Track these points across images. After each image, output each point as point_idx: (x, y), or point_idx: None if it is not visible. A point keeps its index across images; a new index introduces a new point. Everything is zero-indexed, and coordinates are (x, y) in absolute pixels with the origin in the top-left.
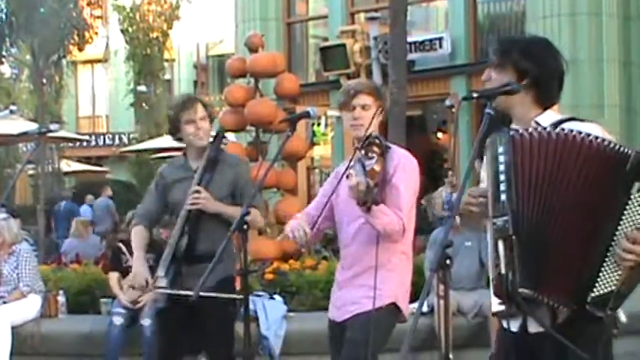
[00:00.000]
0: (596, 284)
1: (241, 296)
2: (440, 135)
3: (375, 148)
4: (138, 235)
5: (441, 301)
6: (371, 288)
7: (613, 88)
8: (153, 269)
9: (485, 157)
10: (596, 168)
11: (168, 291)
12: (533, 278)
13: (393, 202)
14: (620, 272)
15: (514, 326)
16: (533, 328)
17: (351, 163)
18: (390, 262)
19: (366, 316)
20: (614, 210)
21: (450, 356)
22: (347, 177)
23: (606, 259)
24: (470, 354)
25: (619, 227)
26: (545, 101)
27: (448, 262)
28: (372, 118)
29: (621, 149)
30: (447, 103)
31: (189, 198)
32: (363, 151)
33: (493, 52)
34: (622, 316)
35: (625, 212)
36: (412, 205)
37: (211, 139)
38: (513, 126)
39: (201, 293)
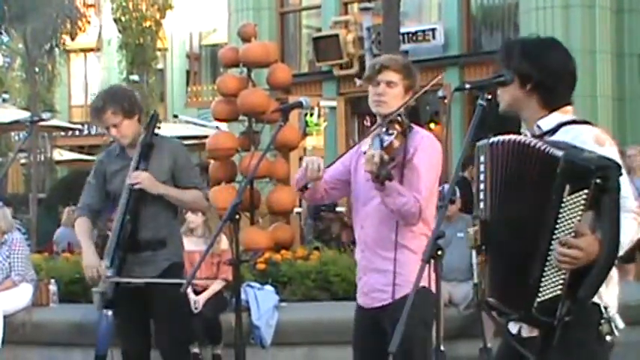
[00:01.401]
0: (540, 290)
1: (183, 281)
2: (432, 126)
3: (397, 126)
4: (82, 227)
5: None
6: (391, 274)
7: (605, 79)
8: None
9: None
10: (538, 173)
11: (117, 279)
12: (497, 288)
13: (412, 183)
14: (563, 276)
15: (513, 329)
16: (525, 332)
17: (370, 139)
18: (411, 243)
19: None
20: (551, 214)
21: (442, 347)
22: (364, 153)
23: (547, 265)
24: (461, 345)
25: (556, 231)
26: (552, 103)
27: (440, 252)
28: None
29: (552, 152)
30: (440, 94)
31: (130, 178)
32: (383, 128)
33: (498, 58)
34: (619, 323)
35: (559, 215)
36: (433, 187)
37: (147, 122)
38: (523, 129)
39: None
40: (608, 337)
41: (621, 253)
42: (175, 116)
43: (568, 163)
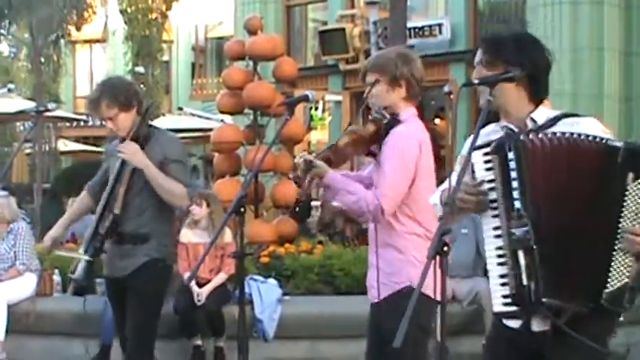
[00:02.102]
0: (609, 280)
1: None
2: (437, 121)
3: (370, 126)
4: (78, 202)
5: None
6: (382, 271)
7: (613, 78)
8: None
9: (477, 157)
10: (595, 166)
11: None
12: (555, 287)
13: (377, 181)
14: (630, 265)
15: (514, 324)
16: (536, 327)
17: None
18: (398, 243)
19: (391, 309)
20: (614, 204)
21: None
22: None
23: (614, 254)
24: (464, 341)
25: (621, 219)
26: (540, 95)
27: (445, 249)
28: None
29: (611, 143)
30: (446, 89)
31: (121, 147)
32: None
33: (482, 50)
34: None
35: (624, 204)
36: (403, 183)
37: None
38: (503, 123)
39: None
40: (617, 309)
41: None
42: (180, 108)
43: (630, 151)
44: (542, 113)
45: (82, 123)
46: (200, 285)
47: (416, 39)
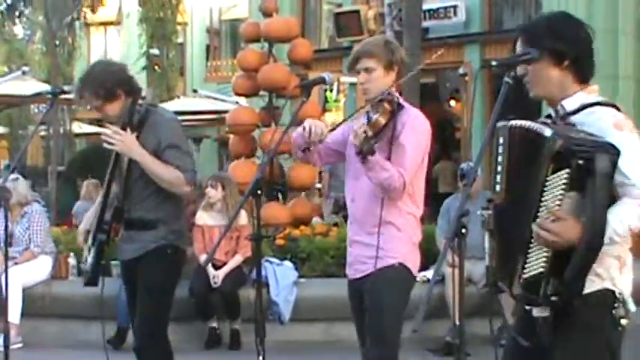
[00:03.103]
0: (525, 267)
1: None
2: (453, 103)
3: (386, 105)
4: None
5: (454, 270)
6: (374, 248)
7: (628, 60)
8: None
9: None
10: (532, 154)
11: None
12: (501, 269)
13: (397, 159)
14: (545, 255)
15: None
16: (535, 312)
17: (360, 117)
18: (397, 221)
19: (379, 280)
20: (538, 192)
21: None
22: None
23: (531, 242)
24: (479, 323)
25: (540, 210)
26: (587, 77)
27: (463, 231)
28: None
29: (541, 131)
30: (461, 71)
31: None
32: (371, 106)
33: (521, 41)
34: (632, 306)
35: (543, 195)
36: (420, 165)
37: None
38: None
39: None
40: (623, 321)
41: (618, 239)
42: (195, 91)
43: (552, 142)
44: (577, 100)
45: None
46: (216, 267)
47: (431, 21)
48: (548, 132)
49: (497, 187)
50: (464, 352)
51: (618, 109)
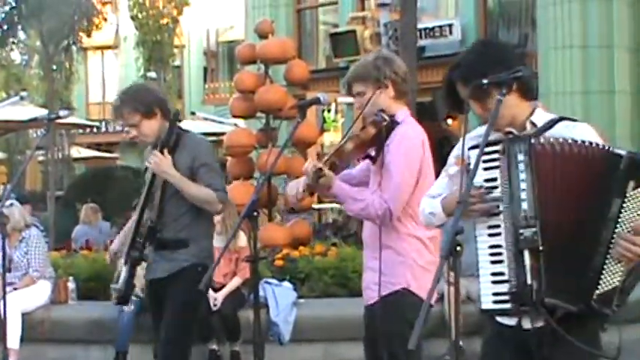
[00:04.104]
0: (600, 282)
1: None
2: (449, 121)
3: (371, 129)
4: (129, 225)
5: (451, 288)
6: (377, 273)
7: (623, 75)
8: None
9: (473, 158)
10: (598, 173)
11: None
12: (556, 287)
13: (385, 184)
14: (621, 270)
15: (510, 321)
16: (527, 324)
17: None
18: (397, 245)
19: (383, 307)
20: (613, 210)
21: (460, 343)
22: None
23: (608, 258)
24: (479, 341)
25: (617, 226)
26: (534, 95)
27: (459, 248)
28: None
29: (615, 151)
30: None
31: (149, 158)
32: (360, 130)
33: (460, 84)
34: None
35: (622, 211)
36: (415, 184)
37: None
38: (505, 129)
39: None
40: (606, 310)
41: None
42: (193, 113)
43: (632, 160)
44: (541, 116)
45: (94, 129)
46: (215, 289)
47: (426, 40)
48: (621, 150)
49: (526, 205)
50: None
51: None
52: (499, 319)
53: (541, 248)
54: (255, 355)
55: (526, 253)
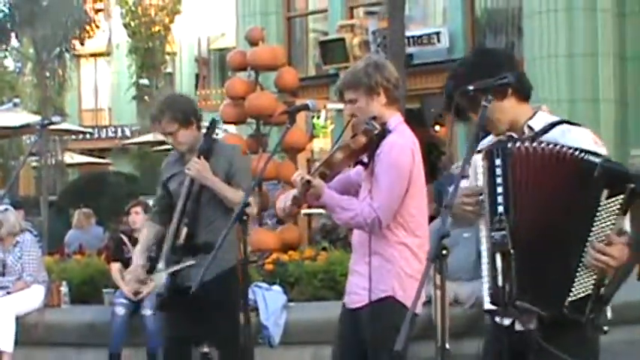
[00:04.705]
0: (572, 289)
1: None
2: (437, 128)
3: (361, 138)
4: (144, 233)
5: (438, 291)
6: (366, 278)
7: (608, 83)
8: (153, 260)
9: (478, 162)
10: (572, 180)
11: (169, 270)
12: (526, 290)
13: (375, 192)
14: (594, 277)
15: (506, 322)
16: (519, 326)
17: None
18: (386, 252)
19: (371, 314)
20: (587, 218)
21: (447, 346)
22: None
23: (580, 265)
24: (467, 343)
25: (591, 234)
26: (529, 96)
27: (445, 252)
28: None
29: (589, 158)
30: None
31: (189, 164)
32: (351, 138)
33: (454, 87)
34: (608, 312)
35: (595, 219)
36: (405, 193)
37: (206, 129)
38: (507, 134)
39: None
40: (605, 328)
41: None
42: None
43: (606, 169)
44: (541, 120)
45: (87, 136)
46: None
47: (414, 47)
48: (595, 158)
49: (501, 208)
50: None
51: (579, 125)
52: (497, 319)
53: (511, 251)
54: (244, 358)
55: (497, 256)
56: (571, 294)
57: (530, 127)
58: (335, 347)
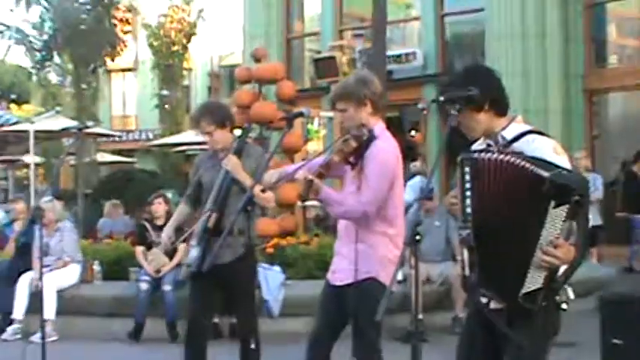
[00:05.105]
0: (525, 283)
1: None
2: (414, 133)
3: (352, 141)
4: (177, 211)
5: (412, 271)
6: (352, 261)
7: (555, 97)
8: (179, 234)
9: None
10: (525, 190)
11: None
12: (487, 280)
13: (363, 189)
14: (543, 274)
15: (483, 300)
16: (493, 305)
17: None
18: (370, 239)
19: (356, 292)
20: (537, 223)
21: (420, 316)
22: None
23: (532, 263)
24: (437, 315)
25: (541, 236)
26: (505, 111)
27: (418, 237)
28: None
29: (539, 172)
30: (420, 106)
31: (227, 160)
32: (342, 142)
33: (443, 91)
34: (570, 294)
35: (545, 223)
36: (389, 190)
37: (239, 133)
38: (485, 140)
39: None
40: (564, 305)
41: None
42: None
43: (553, 182)
44: (513, 130)
45: (116, 138)
46: None
47: (394, 65)
48: (544, 173)
49: (469, 210)
50: (420, 338)
51: (544, 134)
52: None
53: (474, 247)
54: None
55: (464, 250)
56: (524, 287)
57: (503, 137)
58: (318, 313)
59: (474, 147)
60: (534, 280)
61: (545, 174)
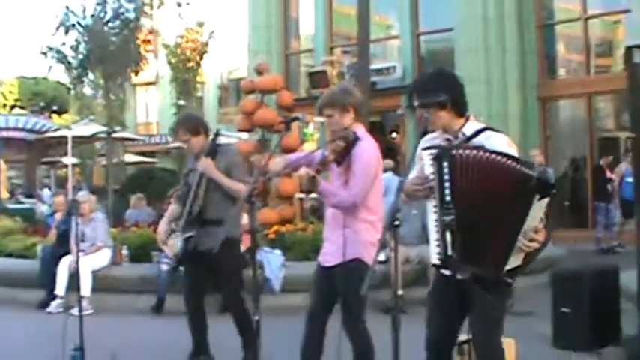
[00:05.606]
0: (508, 262)
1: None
2: (394, 135)
3: (340, 142)
4: (169, 210)
5: (392, 253)
6: (340, 245)
7: (513, 103)
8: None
9: (428, 160)
10: (511, 184)
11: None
12: (469, 258)
13: (351, 183)
14: (522, 255)
15: (447, 272)
16: (460, 276)
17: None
18: (355, 225)
19: (344, 271)
20: (522, 213)
21: (400, 292)
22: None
23: (514, 246)
24: (415, 290)
25: (525, 223)
26: (464, 111)
27: (397, 223)
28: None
29: (527, 172)
30: (399, 112)
31: (199, 162)
32: (331, 142)
33: (417, 97)
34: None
35: (529, 213)
36: (371, 184)
37: (211, 137)
38: (444, 135)
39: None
40: (510, 280)
41: None
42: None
43: (539, 180)
44: (471, 127)
45: (141, 142)
46: None
47: (377, 77)
48: (531, 172)
49: (449, 198)
50: (400, 310)
51: (497, 130)
52: (442, 271)
53: (456, 230)
54: (254, 300)
55: (447, 233)
56: (508, 264)
57: (463, 134)
58: (312, 292)
59: (432, 139)
60: (516, 260)
61: (534, 173)
